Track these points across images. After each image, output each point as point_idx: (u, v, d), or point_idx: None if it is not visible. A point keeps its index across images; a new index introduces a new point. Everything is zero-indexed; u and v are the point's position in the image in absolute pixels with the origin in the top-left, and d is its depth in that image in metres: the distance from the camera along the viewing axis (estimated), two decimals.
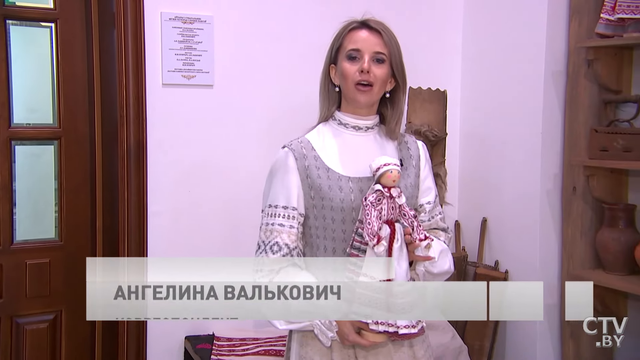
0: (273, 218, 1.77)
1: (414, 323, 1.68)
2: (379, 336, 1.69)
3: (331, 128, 1.83)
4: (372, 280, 1.67)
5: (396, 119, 1.83)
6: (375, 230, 1.65)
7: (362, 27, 1.80)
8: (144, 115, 2.63)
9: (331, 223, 1.74)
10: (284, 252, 1.75)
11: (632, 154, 2.51)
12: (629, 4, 2.48)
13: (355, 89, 1.75)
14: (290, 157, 1.78)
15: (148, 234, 2.68)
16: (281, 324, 1.75)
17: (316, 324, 1.71)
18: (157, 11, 2.63)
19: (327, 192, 1.74)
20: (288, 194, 1.76)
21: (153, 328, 2.70)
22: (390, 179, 1.68)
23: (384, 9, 3.03)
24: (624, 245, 2.58)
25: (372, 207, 1.66)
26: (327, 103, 1.86)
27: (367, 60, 1.74)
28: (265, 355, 2.55)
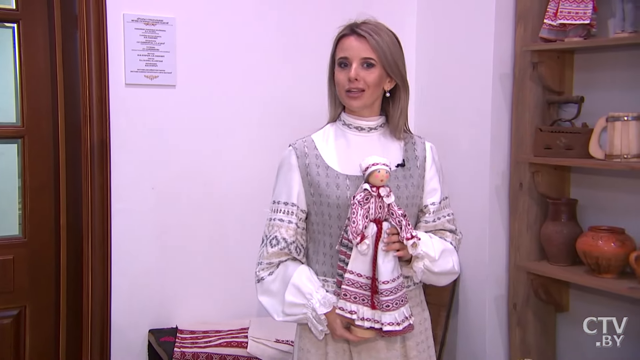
0: (275, 214, 1.82)
1: (399, 320, 1.69)
2: (367, 332, 1.71)
3: (336, 128, 1.85)
4: (358, 278, 1.70)
5: (398, 115, 1.83)
6: (359, 229, 1.66)
7: (351, 33, 1.79)
8: (107, 115, 2.62)
9: (328, 219, 1.77)
10: (281, 245, 1.80)
11: (574, 152, 2.61)
12: (569, 11, 2.57)
13: (346, 96, 1.77)
14: (293, 155, 1.82)
15: (112, 231, 2.67)
16: (278, 316, 1.80)
17: (308, 317, 1.75)
18: (120, 13, 2.62)
19: (324, 189, 1.76)
20: (289, 191, 1.80)
21: (117, 322, 2.69)
22: (378, 178, 1.68)
23: (340, 18, 3.11)
24: (566, 237, 2.66)
25: (359, 205, 1.68)
26: (333, 105, 1.87)
27: (355, 67, 1.74)
28: (228, 347, 2.56)
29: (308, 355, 1.82)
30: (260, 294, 1.84)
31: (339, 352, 1.79)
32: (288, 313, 1.78)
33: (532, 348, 2.83)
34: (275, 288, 1.80)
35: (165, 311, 2.80)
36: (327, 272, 1.79)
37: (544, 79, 2.74)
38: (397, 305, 1.69)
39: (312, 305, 1.74)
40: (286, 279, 1.78)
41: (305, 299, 1.75)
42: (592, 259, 2.51)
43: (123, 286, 2.70)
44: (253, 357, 2.55)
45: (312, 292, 1.75)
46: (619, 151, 2.43)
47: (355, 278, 1.70)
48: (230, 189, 2.89)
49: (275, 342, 2.59)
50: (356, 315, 1.70)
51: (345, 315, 1.71)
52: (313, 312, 1.74)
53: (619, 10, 2.48)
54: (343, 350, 1.79)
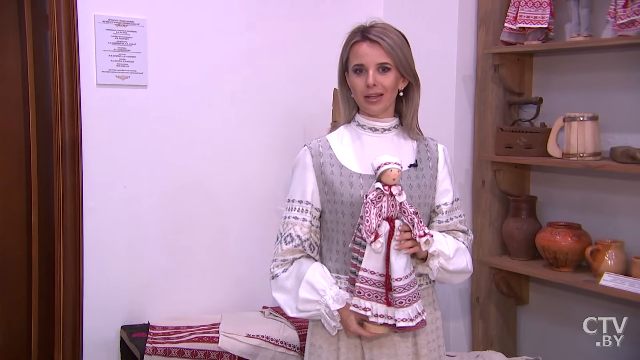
0: (290, 212, 1.82)
1: (412, 316, 1.69)
2: (380, 328, 1.72)
3: (351, 129, 1.85)
4: (371, 275, 1.70)
5: (412, 114, 1.84)
6: (373, 227, 1.66)
7: (364, 40, 1.77)
8: (79, 114, 2.60)
9: (342, 217, 1.77)
10: (295, 242, 1.80)
11: (533, 151, 2.68)
12: (528, 15, 2.64)
13: (365, 101, 1.77)
14: (308, 154, 1.83)
15: (84, 229, 2.66)
16: (292, 312, 1.80)
17: (321, 313, 1.75)
18: (91, 14, 2.60)
19: (338, 187, 1.77)
20: (304, 190, 1.81)
21: (89, 319, 2.68)
22: (390, 177, 1.68)
23: (308, 19, 3.13)
24: (526, 233, 2.73)
25: (372, 204, 1.67)
26: (346, 108, 1.87)
27: (372, 74, 1.74)
28: (199, 342, 2.56)
29: (320, 351, 1.83)
30: (275, 290, 1.84)
31: (351, 347, 1.80)
32: (301, 309, 1.78)
33: (494, 339, 2.90)
34: (289, 285, 1.80)
35: (137, 308, 2.79)
36: (340, 269, 1.80)
37: (504, 81, 2.80)
38: (410, 301, 1.70)
39: (325, 302, 1.74)
40: (300, 276, 1.78)
41: (318, 296, 1.75)
42: (551, 254, 2.58)
43: (95, 283, 2.69)
44: (224, 352, 2.55)
45: (325, 288, 1.75)
46: (575, 150, 2.50)
47: (369, 276, 1.70)
48: (200, 187, 2.90)
49: (246, 337, 2.60)
50: (370, 312, 1.70)
51: (359, 312, 1.71)
52: (326, 308, 1.74)
53: (574, 15, 2.55)
54: (355, 346, 1.80)
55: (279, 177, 3.05)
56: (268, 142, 3.04)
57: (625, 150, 2.39)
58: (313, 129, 3.04)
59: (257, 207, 3.04)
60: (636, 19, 2.30)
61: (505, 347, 2.90)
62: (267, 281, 3.14)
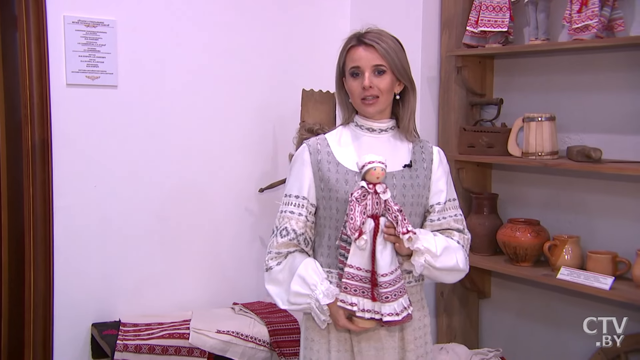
0: (286, 206, 1.84)
1: (398, 311, 1.71)
2: (368, 322, 1.73)
3: (350, 130, 1.88)
4: (357, 271, 1.72)
5: (408, 116, 1.86)
6: (357, 225, 1.68)
7: (359, 44, 1.80)
8: (49, 114, 2.59)
9: (335, 213, 1.79)
10: (291, 236, 1.82)
11: (494, 150, 2.73)
12: (489, 19, 2.69)
13: (362, 104, 1.80)
14: (306, 151, 1.84)
15: (54, 228, 2.64)
16: (283, 304, 1.83)
17: (312, 307, 1.78)
18: (60, 15, 2.59)
19: (334, 184, 1.79)
20: (300, 185, 1.83)
21: (59, 317, 2.67)
22: (374, 175, 1.70)
23: (277, 22, 3.11)
24: (488, 229, 2.78)
25: (357, 202, 1.69)
26: (345, 110, 1.90)
27: (368, 76, 1.77)
28: (170, 338, 2.56)
29: (312, 344, 1.87)
30: (268, 282, 1.87)
31: (341, 340, 1.83)
32: (293, 302, 1.80)
33: (458, 332, 2.96)
34: (282, 277, 1.83)
35: (108, 305, 2.78)
36: (332, 264, 1.82)
37: (467, 82, 2.86)
38: (395, 296, 1.71)
39: (315, 296, 1.76)
40: (293, 270, 1.81)
41: (309, 290, 1.77)
42: (511, 249, 2.64)
43: (65, 281, 2.68)
44: (195, 348, 2.56)
45: (316, 283, 1.77)
46: (534, 149, 2.56)
47: (355, 272, 1.72)
48: (170, 186, 2.90)
49: (217, 333, 2.61)
50: (357, 307, 1.72)
51: (346, 307, 1.73)
52: (316, 302, 1.76)
53: (532, 20, 2.61)
54: (345, 339, 1.83)
55: (251, 176, 3.08)
56: (239, 141, 3.05)
57: (581, 150, 2.45)
58: (283, 128, 3.08)
59: (228, 206, 3.05)
60: (590, 23, 2.36)
61: (468, 339, 2.96)
62: (238, 278, 3.17)
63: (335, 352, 1.83)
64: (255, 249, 3.12)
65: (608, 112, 2.55)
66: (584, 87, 2.62)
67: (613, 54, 2.52)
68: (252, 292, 3.10)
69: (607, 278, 2.36)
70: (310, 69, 3.15)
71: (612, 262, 2.42)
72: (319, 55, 3.19)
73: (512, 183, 2.89)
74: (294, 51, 3.16)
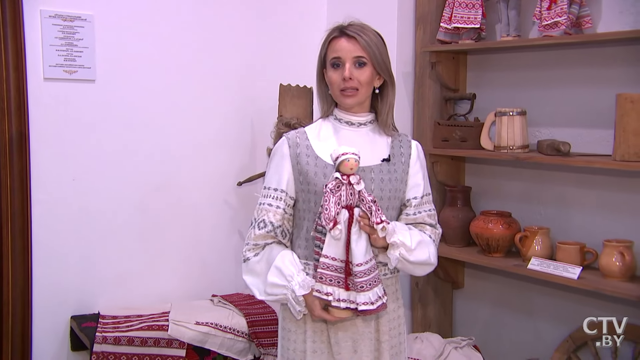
0: (265, 198, 1.84)
1: (373, 300, 1.71)
2: (343, 312, 1.73)
3: (329, 123, 1.87)
4: (332, 261, 1.72)
5: (387, 111, 1.85)
6: (331, 215, 1.68)
7: (341, 35, 1.80)
8: (26, 108, 2.57)
9: (313, 206, 1.79)
10: (268, 228, 1.82)
11: (468, 144, 2.77)
12: (462, 16, 2.73)
13: (341, 95, 1.79)
14: (285, 144, 1.83)
15: (32, 221, 2.63)
16: (260, 294, 1.83)
17: (287, 298, 1.78)
18: (37, 9, 2.58)
19: (312, 177, 1.78)
20: (279, 178, 1.83)
21: (38, 309, 2.66)
22: (348, 167, 1.70)
23: (255, 17, 3.12)
24: (461, 221, 2.82)
25: (331, 193, 1.69)
26: (325, 103, 1.88)
27: (348, 67, 1.76)
28: (149, 330, 2.56)
29: (289, 334, 1.87)
30: (245, 273, 1.87)
31: (317, 331, 1.83)
32: (269, 293, 1.80)
33: (432, 322, 3.00)
34: (259, 268, 1.83)
35: (87, 298, 2.78)
36: (309, 256, 1.82)
37: (441, 78, 2.89)
38: (370, 285, 1.71)
39: (291, 287, 1.76)
40: (270, 261, 1.81)
41: (286, 281, 1.77)
42: (484, 240, 2.68)
43: (44, 274, 2.67)
44: (174, 339, 2.57)
45: (292, 274, 1.77)
46: (505, 143, 2.60)
47: (329, 262, 1.72)
48: (149, 179, 2.90)
49: (196, 325, 2.62)
50: (332, 296, 1.72)
51: (321, 297, 1.73)
52: (292, 293, 1.76)
53: (504, 17, 2.65)
54: (321, 330, 1.83)
55: (229, 169, 3.09)
56: (217, 135, 3.06)
57: (551, 143, 2.49)
58: (261, 123, 3.10)
59: (207, 199, 3.05)
60: (559, 20, 2.41)
61: (442, 328, 3.00)
62: (217, 270, 3.17)
63: (311, 342, 1.84)
64: (233, 242, 3.13)
65: (576, 107, 2.60)
66: (553, 82, 2.67)
67: (581, 51, 2.57)
68: (230, 284, 3.11)
69: (575, 268, 2.42)
70: (288, 64, 3.16)
71: (580, 252, 2.47)
72: (296, 51, 3.21)
73: (485, 176, 2.93)
74: (271, 47, 3.17)
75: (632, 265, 2.34)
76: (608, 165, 2.32)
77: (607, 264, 2.36)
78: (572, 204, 2.64)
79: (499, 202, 2.85)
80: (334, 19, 3.42)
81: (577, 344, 2.59)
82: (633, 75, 2.42)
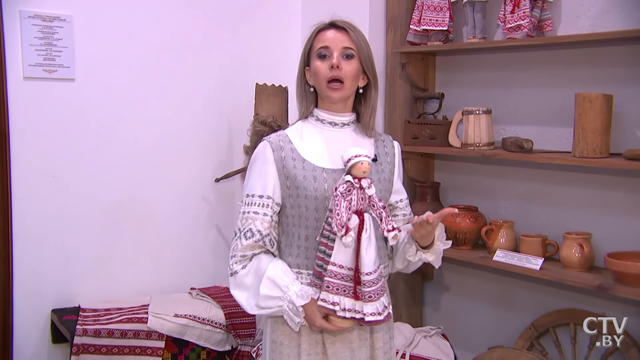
0: (249, 207, 1.70)
1: (380, 310, 1.61)
2: (346, 322, 1.62)
3: (310, 124, 1.76)
4: (340, 269, 1.60)
5: (369, 113, 1.76)
6: (344, 221, 1.56)
7: (330, 27, 1.72)
8: (5, 106, 2.55)
9: (305, 211, 1.67)
10: (256, 238, 1.69)
11: (436, 141, 2.80)
12: (430, 18, 2.75)
13: (327, 87, 1.68)
14: (268, 148, 1.70)
15: (13, 218, 2.61)
16: (252, 309, 1.68)
17: (284, 309, 1.64)
18: (16, 9, 2.56)
19: (301, 181, 1.66)
20: (264, 184, 1.69)
21: (19, 303, 2.65)
22: (361, 170, 1.60)
23: (231, 19, 3.10)
24: None
25: (342, 197, 1.58)
26: (304, 102, 1.78)
27: (337, 56, 1.67)
28: (129, 323, 2.57)
29: (281, 347, 1.73)
30: (233, 287, 1.72)
31: (312, 343, 1.71)
32: (262, 306, 1.66)
33: (403, 312, 3.02)
34: (249, 281, 1.68)
35: (67, 292, 2.77)
36: (302, 265, 1.69)
37: (411, 78, 2.92)
38: (378, 295, 1.61)
39: (289, 298, 1.63)
40: (259, 273, 1.67)
41: (281, 292, 1.64)
42: (452, 234, 2.70)
43: (25, 269, 2.66)
44: (153, 331, 2.58)
45: (287, 284, 1.64)
46: (472, 140, 2.63)
47: (337, 270, 1.60)
48: (128, 176, 2.89)
49: (175, 317, 2.63)
50: (338, 306, 1.60)
51: (327, 307, 1.61)
52: (290, 304, 1.63)
53: (470, 20, 2.67)
54: (316, 342, 1.71)
55: (207, 166, 3.09)
56: (195, 133, 3.05)
57: (515, 141, 2.53)
58: (238, 121, 3.10)
59: (184, 195, 3.05)
60: (522, 23, 2.45)
61: (413, 318, 3.03)
62: (195, 264, 3.18)
63: (305, 356, 1.71)
64: (211, 237, 3.14)
65: (538, 106, 2.64)
66: (517, 82, 2.70)
67: (543, 52, 2.60)
68: (208, 278, 3.11)
69: (538, 259, 2.45)
70: (263, 64, 3.17)
71: (542, 244, 2.51)
72: (271, 51, 3.22)
73: (453, 172, 2.97)
74: (247, 47, 3.17)
75: (590, 257, 2.39)
76: (568, 161, 2.36)
77: (567, 256, 2.40)
78: (535, 199, 2.68)
79: (466, 197, 2.88)
80: (307, 21, 3.42)
81: (539, 332, 2.63)
82: (591, 76, 2.47)
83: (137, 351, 2.55)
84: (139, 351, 2.55)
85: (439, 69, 2.97)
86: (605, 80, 2.42)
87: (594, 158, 2.28)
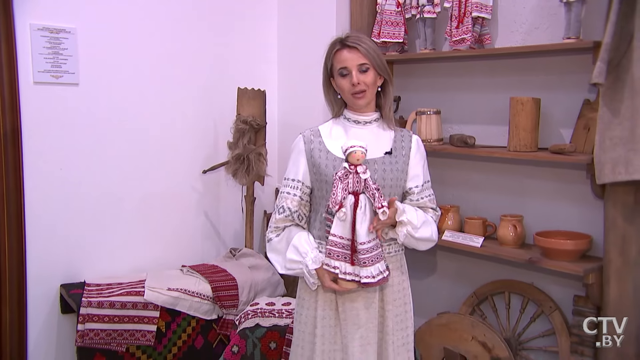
0: (284, 188, 1.86)
1: (374, 274, 1.71)
2: (349, 284, 1.73)
3: (339, 122, 1.88)
4: (339, 239, 1.73)
5: (389, 105, 1.87)
6: (338, 199, 1.69)
7: (343, 47, 1.80)
8: (18, 107, 2.58)
9: (325, 194, 1.80)
10: (286, 213, 1.85)
11: None
12: (388, 32, 2.81)
13: (353, 98, 1.80)
14: (302, 141, 1.86)
15: (25, 205, 2.64)
16: (282, 269, 1.86)
17: (303, 272, 1.80)
18: (27, 22, 2.59)
19: (324, 169, 1.80)
20: (297, 170, 1.85)
21: (32, 278, 2.68)
22: (355, 157, 1.70)
23: (215, 31, 3.12)
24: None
25: (340, 180, 1.70)
26: (335, 106, 1.89)
27: (355, 74, 1.77)
28: (127, 295, 2.59)
29: (303, 302, 1.89)
30: (269, 251, 1.90)
31: (327, 301, 1.85)
32: (288, 267, 1.83)
33: None
34: (281, 247, 1.85)
35: (74, 269, 2.80)
36: (322, 237, 1.82)
37: None
38: (372, 262, 1.71)
39: (305, 262, 1.78)
40: (289, 240, 1.83)
41: (301, 257, 1.79)
42: None
43: (37, 249, 2.68)
44: (149, 303, 2.61)
45: (307, 251, 1.79)
46: (424, 137, 2.69)
47: (337, 240, 1.72)
48: (127, 166, 2.91)
49: (168, 290, 2.65)
50: (339, 270, 1.73)
51: (330, 270, 1.74)
52: (306, 267, 1.78)
53: (422, 33, 2.75)
54: (330, 300, 1.84)
55: (196, 159, 3.12)
56: (185, 130, 3.09)
57: (460, 137, 2.61)
58: (222, 120, 3.15)
59: (177, 185, 3.09)
60: (465, 37, 2.53)
61: None
62: (186, 245, 3.16)
63: (321, 310, 1.85)
64: (200, 221, 3.17)
65: (480, 108, 2.71)
66: (462, 87, 2.77)
67: (483, 62, 2.68)
68: (197, 256, 3.15)
69: (479, 238, 2.56)
70: (244, 71, 3.20)
71: (483, 225, 2.61)
72: (251, 59, 3.26)
73: None
74: (230, 56, 3.20)
75: (522, 235, 2.49)
76: (504, 155, 2.44)
77: (503, 235, 2.49)
78: (477, 187, 2.75)
79: None
80: (283, 31, 3.48)
81: (479, 299, 2.72)
82: (522, 82, 2.54)
83: (135, 320, 2.57)
84: (137, 320, 2.58)
85: (396, 75, 3.01)
86: (534, 86, 2.49)
87: (525, 152, 2.35)
